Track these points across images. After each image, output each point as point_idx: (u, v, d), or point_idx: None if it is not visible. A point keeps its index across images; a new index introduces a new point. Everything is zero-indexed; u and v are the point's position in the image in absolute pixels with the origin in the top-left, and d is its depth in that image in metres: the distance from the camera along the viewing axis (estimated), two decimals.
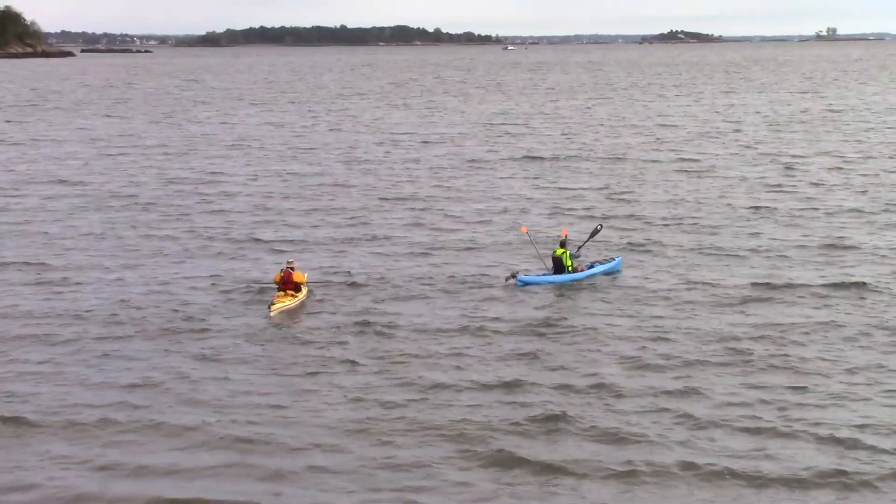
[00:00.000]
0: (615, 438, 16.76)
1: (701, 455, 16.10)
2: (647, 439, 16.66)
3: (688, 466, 15.73)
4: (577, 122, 74.47)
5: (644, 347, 21.29)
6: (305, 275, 26.24)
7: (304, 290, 25.73)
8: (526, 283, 26.50)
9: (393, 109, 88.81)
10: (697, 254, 29.87)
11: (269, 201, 40.46)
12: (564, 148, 56.98)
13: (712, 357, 20.57)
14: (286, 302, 24.99)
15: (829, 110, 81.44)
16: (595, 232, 29.04)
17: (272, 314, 24.46)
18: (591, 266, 27.63)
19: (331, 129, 70.24)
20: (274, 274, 25.96)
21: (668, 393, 18.62)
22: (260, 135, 66.61)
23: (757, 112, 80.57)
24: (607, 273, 27.53)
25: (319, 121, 77.55)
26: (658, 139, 61.05)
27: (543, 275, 27.06)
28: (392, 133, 67.00)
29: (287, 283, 25.22)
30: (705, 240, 31.70)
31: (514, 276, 26.77)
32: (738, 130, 65.81)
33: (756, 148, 55.66)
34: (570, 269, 27.00)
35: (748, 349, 20.98)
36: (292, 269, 25.41)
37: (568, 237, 27.85)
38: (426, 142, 61.31)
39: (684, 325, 22.77)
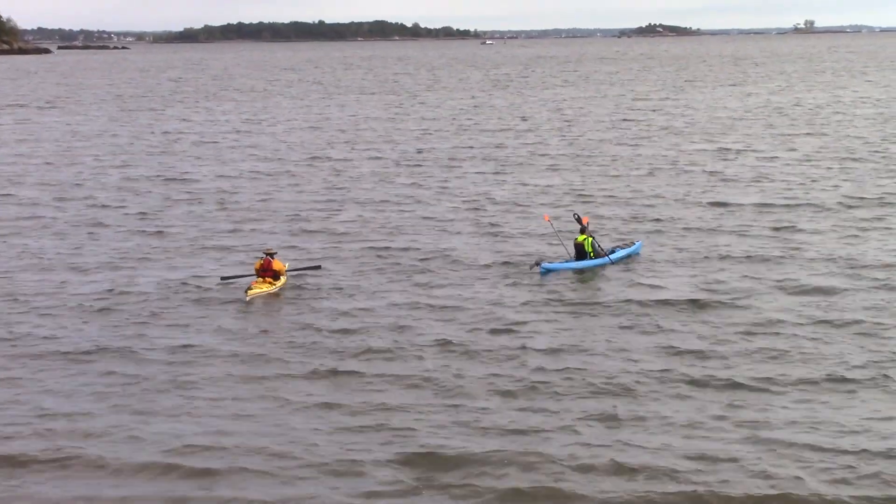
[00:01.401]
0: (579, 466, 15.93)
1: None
2: (613, 468, 15.84)
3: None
4: (545, 117, 74.28)
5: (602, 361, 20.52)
6: (287, 264, 26.82)
7: (283, 279, 26.04)
8: (550, 271, 26.77)
9: (365, 105, 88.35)
10: (660, 255, 29.36)
11: (238, 199, 40.13)
12: (534, 143, 56.82)
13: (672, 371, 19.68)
14: (263, 288, 25.37)
15: (802, 105, 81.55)
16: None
17: (247, 299, 24.83)
18: (612, 251, 27.98)
19: (299, 127, 69.82)
20: (254, 263, 26.45)
21: (617, 419, 17.53)
22: (228, 131, 66.14)
23: (725, 106, 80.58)
24: (628, 257, 28.08)
25: (289, 117, 77.12)
26: (624, 134, 61.03)
27: (566, 262, 27.36)
28: (362, 129, 66.67)
29: (266, 271, 25.65)
30: (668, 242, 31.04)
31: (538, 263, 27.06)
32: (706, 125, 65.78)
33: (722, 143, 55.61)
34: (591, 254, 27.33)
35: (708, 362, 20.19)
36: (272, 256, 25.82)
37: (589, 224, 28.36)
38: (396, 139, 61.00)
39: (647, 334, 22.16)
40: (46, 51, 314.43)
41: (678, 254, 29.22)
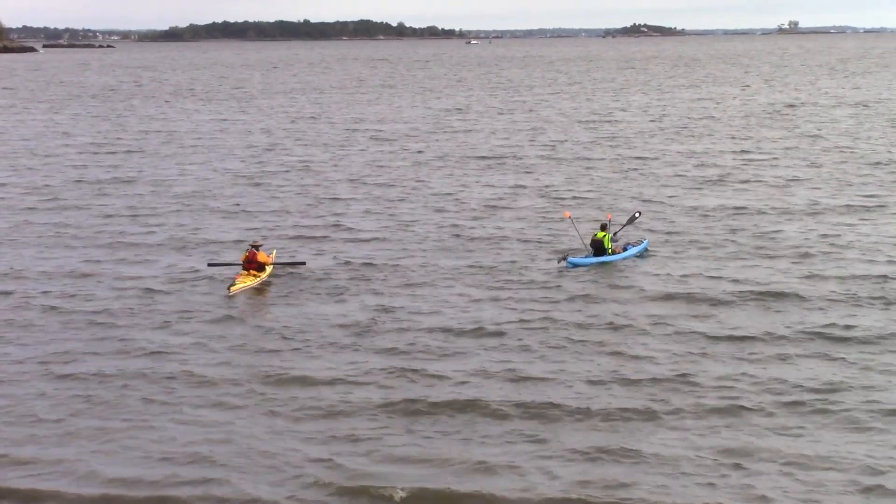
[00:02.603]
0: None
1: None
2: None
3: None
4: (525, 118, 74.06)
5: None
6: (273, 255, 27.64)
7: (268, 270, 26.55)
8: (576, 265, 27.86)
9: (348, 105, 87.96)
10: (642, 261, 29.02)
11: (211, 200, 39.82)
12: (514, 145, 56.46)
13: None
14: (247, 282, 25.79)
15: (780, 104, 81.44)
16: (633, 219, 30.74)
17: (230, 293, 25.11)
18: (626, 248, 29.14)
19: (277, 127, 69.26)
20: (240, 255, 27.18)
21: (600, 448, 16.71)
22: (203, 131, 65.50)
23: (704, 107, 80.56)
24: (639, 254, 29.09)
25: (267, 117, 76.58)
26: (604, 135, 60.81)
27: (586, 257, 28.40)
28: (346, 129, 66.31)
29: (251, 263, 26.21)
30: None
31: (564, 258, 28.07)
32: (685, 126, 65.67)
33: (701, 144, 55.43)
34: (610, 251, 28.36)
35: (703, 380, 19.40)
36: (257, 249, 26.41)
37: (611, 221, 29.49)
38: (376, 138, 60.71)
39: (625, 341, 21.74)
40: (32, 49, 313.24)
41: (653, 261, 28.79)
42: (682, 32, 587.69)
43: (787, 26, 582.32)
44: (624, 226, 30.41)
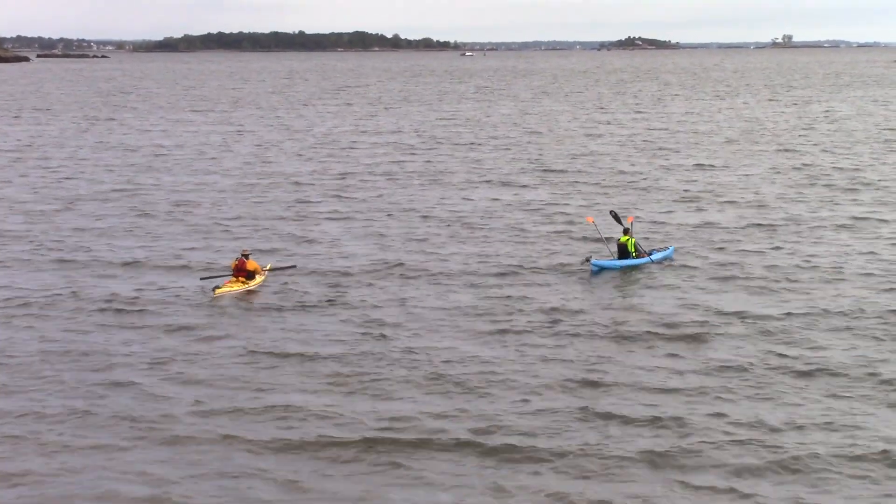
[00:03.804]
0: None
1: None
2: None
3: None
4: (510, 129, 73.75)
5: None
6: (268, 266, 27.84)
7: (259, 279, 26.75)
8: (600, 267, 28.48)
9: (334, 117, 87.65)
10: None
11: (194, 213, 39.55)
12: (500, 157, 56.03)
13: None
14: (234, 288, 26.10)
15: (766, 121, 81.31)
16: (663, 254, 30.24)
17: (214, 295, 25.58)
18: (651, 253, 29.80)
19: (260, 140, 68.97)
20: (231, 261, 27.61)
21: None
22: (189, 144, 65.05)
23: (693, 121, 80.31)
24: (664, 259, 29.82)
25: (253, 128, 76.23)
26: (593, 149, 60.51)
27: (611, 260, 29.06)
28: (331, 141, 66.01)
29: (240, 271, 26.44)
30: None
31: (588, 259, 28.92)
32: (674, 141, 65.37)
33: (684, 159, 55.11)
34: (633, 254, 28.98)
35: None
36: (246, 257, 26.66)
37: (633, 224, 30.37)
38: (365, 150, 60.30)
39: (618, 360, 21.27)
40: (25, 59, 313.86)
41: (653, 278, 28.27)
42: (677, 46, 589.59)
43: (781, 40, 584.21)
44: (652, 261, 29.42)
